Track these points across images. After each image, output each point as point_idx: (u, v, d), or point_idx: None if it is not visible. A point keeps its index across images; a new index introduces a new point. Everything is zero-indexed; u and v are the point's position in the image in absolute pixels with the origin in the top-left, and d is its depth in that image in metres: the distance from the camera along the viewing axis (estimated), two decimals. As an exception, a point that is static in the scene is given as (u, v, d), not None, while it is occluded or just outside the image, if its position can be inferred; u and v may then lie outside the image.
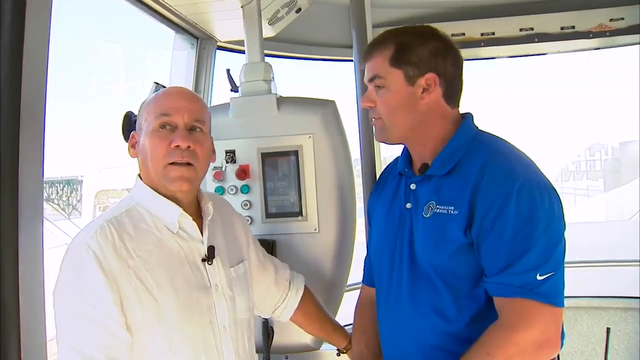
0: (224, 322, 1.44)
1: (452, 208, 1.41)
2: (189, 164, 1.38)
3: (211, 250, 1.44)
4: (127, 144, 1.49)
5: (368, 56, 1.52)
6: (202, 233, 1.45)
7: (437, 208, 1.45)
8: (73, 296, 1.27)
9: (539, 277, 1.31)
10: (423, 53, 1.46)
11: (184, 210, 1.41)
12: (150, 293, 1.32)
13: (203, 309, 1.40)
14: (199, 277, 1.42)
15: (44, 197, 1.37)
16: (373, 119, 1.55)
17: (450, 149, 1.48)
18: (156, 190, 1.41)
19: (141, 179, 1.45)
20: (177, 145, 1.36)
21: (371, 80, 1.51)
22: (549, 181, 1.40)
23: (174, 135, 1.37)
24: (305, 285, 1.84)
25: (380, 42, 1.50)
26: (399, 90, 1.47)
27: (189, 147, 1.37)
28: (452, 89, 1.50)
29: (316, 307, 1.87)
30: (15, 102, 1.27)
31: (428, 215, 1.46)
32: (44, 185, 1.39)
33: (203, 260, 1.43)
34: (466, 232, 1.39)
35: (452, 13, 3.22)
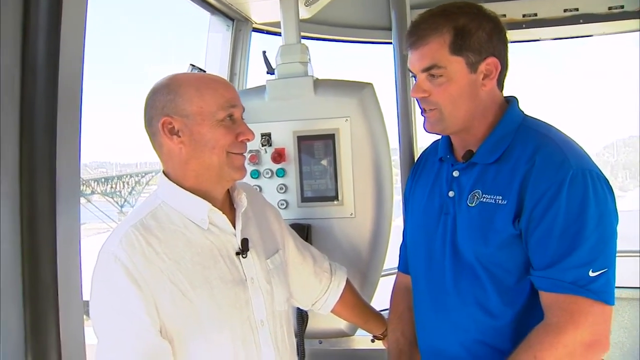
0: (261, 317, 1.40)
1: (500, 198, 1.36)
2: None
3: (245, 242, 1.40)
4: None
5: (420, 42, 1.39)
6: (234, 225, 1.42)
7: (484, 197, 1.39)
8: (106, 310, 1.26)
9: (591, 274, 1.25)
10: (482, 36, 1.37)
11: (215, 204, 1.38)
12: (186, 296, 1.29)
13: (242, 305, 1.37)
14: (235, 271, 1.38)
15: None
16: (426, 110, 1.44)
17: (497, 135, 1.42)
18: (183, 187, 1.36)
19: (165, 175, 1.40)
20: (247, 139, 1.39)
21: (427, 69, 1.39)
22: (601, 171, 1.33)
23: (240, 127, 1.37)
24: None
25: (433, 27, 1.38)
26: (461, 78, 1.38)
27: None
28: (504, 72, 1.44)
29: (355, 296, 1.84)
30: (52, 85, 1.27)
31: (474, 205, 1.40)
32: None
33: (237, 253, 1.39)
34: (514, 222, 1.33)
35: (493, -7, 3.12)
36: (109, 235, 1.33)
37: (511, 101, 1.48)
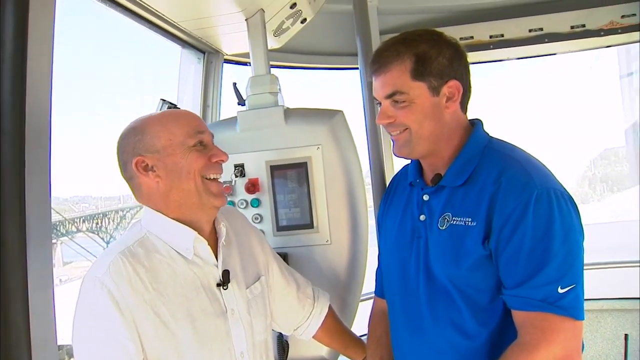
0: (241, 348, 1.41)
1: (470, 219, 1.37)
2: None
3: (226, 274, 1.41)
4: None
5: (382, 69, 1.43)
6: (217, 256, 1.43)
7: (454, 220, 1.40)
8: (90, 336, 1.26)
9: (560, 290, 1.27)
10: (442, 62, 1.40)
11: (202, 235, 1.39)
12: (168, 327, 1.29)
13: (222, 337, 1.37)
14: (216, 303, 1.38)
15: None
16: (394, 134, 1.46)
17: (463, 158, 1.44)
18: (179, 216, 1.38)
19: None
20: (221, 160, 1.41)
21: (390, 96, 1.42)
22: (565, 189, 1.36)
23: (212, 150, 1.41)
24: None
25: (394, 54, 1.41)
26: (423, 102, 1.40)
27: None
28: (467, 95, 1.47)
29: (336, 322, 1.84)
30: (19, 122, 1.26)
31: (444, 227, 1.42)
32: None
33: (218, 285, 1.40)
34: (484, 243, 1.35)
35: (460, 17, 3.21)
36: (95, 262, 1.33)
37: (476, 124, 1.50)
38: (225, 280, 1.40)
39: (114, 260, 1.29)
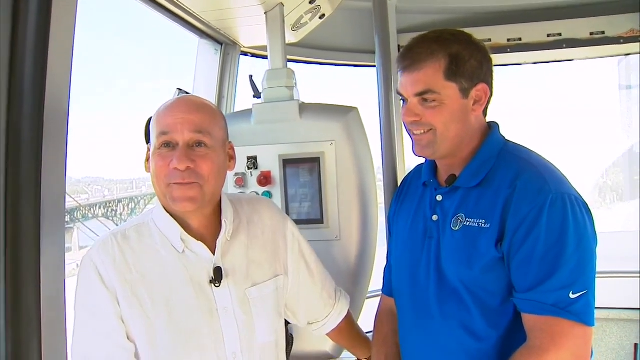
0: (233, 349, 1.35)
1: (483, 221, 1.37)
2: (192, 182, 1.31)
3: (218, 272, 1.35)
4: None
5: (414, 66, 1.41)
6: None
7: (467, 221, 1.40)
8: (83, 308, 1.32)
9: (572, 296, 1.27)
10: (474, 64, 1.40)
11: (191, 229, 1.37)
12: (144, 310, 1.30)
13: (204, 334, 1.33)
14: (204, 300, 1.34)
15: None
16: (417, 133, 1.45)
17: (480, 160, 1.44)
18: (167, 208, 1.37)
19: None
20: (175, 168, 1.29)
21: (421, 94, 1.40)
22: (580, 195, 1.36)
23: (172, 155, 1.30)
24: None
25: (428, 52, 1.40)
26: (453, 103, 1.40)
27: (188, 167, 1.29)
28: (490, 99, 1.47)
29: (350, 325, 1.80)
30: (39, 106, 1.26)
31: (457, 228, 1.42)
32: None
33: (211, 282, 1.36)
34: (497, 246, 1.35)
35: (478, 19, 3.19)
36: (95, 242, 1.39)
37: (493, 127, 1.51)
38: (217, 277, 1.35)
39: (104, 239, 1.36)
